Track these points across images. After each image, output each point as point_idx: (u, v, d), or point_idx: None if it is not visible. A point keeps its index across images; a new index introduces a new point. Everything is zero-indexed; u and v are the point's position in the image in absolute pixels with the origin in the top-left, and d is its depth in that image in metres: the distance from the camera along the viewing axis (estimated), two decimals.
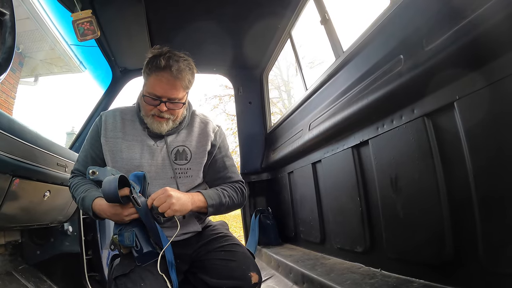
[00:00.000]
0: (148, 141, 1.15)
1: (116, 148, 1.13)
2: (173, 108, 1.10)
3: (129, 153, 1.13)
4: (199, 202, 1.06)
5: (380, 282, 1.21)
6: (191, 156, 1.16)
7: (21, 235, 1.70)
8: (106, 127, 1.15)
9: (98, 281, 1.96)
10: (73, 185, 1.15)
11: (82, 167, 1.17)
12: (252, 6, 2.09)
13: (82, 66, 5.43)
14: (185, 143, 1.17)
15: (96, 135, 1.16)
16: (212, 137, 1.21)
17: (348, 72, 1.57)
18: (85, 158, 1.18)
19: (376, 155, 1.34)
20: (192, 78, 1.11)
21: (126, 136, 1.15)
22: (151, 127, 1.13)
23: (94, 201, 1.04)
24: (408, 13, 1.14)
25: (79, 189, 1.11)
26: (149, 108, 1.10)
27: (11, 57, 0.76)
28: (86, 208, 1.06)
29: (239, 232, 5.53)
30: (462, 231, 0.98)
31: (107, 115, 1.18)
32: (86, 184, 1.13)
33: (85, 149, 1.19)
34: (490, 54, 0.83)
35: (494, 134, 0.85)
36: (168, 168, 1.13)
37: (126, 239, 0.99)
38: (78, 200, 1.10)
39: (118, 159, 1.12)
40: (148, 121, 1.13)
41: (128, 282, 0.93)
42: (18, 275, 1.56)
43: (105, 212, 1.02)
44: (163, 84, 1.05)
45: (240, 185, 1.21)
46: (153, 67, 1.05)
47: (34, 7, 4.21)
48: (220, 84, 11.89)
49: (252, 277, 1.01)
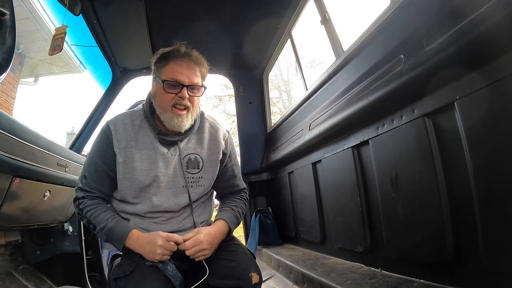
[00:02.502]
0: (161, 149, 1.09)
1: (129, 158, 1.06)
2: (193, 95, 1.06)
3: (143, 163, 1.06)
4: (225, 231, 1.10)
5: (381, 282, 1.21)
6: (203, 165, 1.13)
7: (21, 235, 1.70)
8: (118, 138, 1.06)
9: (98, 281, 1.96)
10: (87, 209, 1.05)
11: (94, 183, 1.07)
12: (252, 6, 2.09)
13: (82, 66, 5.42)
14: (196, 150, 1.13)
15: (107, 147, 1.07)
16: (223, 146, 1.17)
17: (348, 72, 1.57)
18: (97, 174, 1.08)
19: (376, 155, 1.34)
20: (207, 69, 1.12)
21: (138, 145, 1.08)
22: (171, 124, 1.05)
23: (129, 236, 1.01)
24: (408, 13, 1.14)
25: (100, 216, 1.04)
26: (169, 97, 1.04)
27: (11, 57, 0.77)
28: (116, 240, 1.01)
29: (239, 232, 5.53)
30: (463, 231, 0.98)
31: (116, 124, 1.09)
32: (106, 210, 1.06)
33: (94, 163, 1.08)
34: (490, 54, 0.83)
35: (495, 134, 0.85)
36: (180, 177, 1.10)
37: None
38: (101, 228, 1.02)
39: (130, 169, 1.06)
40: (167, 118, 1.05)
41: (129, 283, 0.92)
42: (18, 275, 1.56)
43: (142, 239, 1.00)
44: (183, 69, 1.04)
45: (245, 193, 1.28)
46: (170, 56, 1.05)
47: (34, 7, 4.21)
48: (220, 84, 11.90)
49: (253, 277, 1.00)
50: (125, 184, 1.07)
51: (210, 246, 1.02)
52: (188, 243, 0.99)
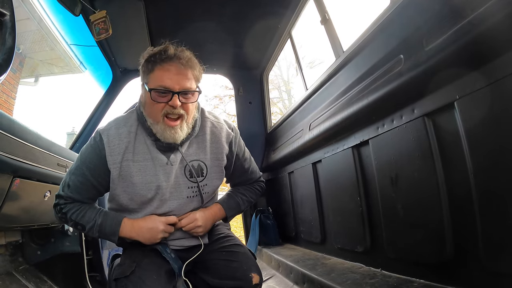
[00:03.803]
0: (160, 158, 1.01)
1: (126, 172, 0.99)
2: (186, 101, 0.95)
3: (142, 176, 0.99)
4: (221, 216, 1.15)
5: (381, 282, 1.21)
6: (207, 171, 1.07)
7: (22, 236, 1.70)
8: (112, 152, 0.98)
9: (98, 281, 1.96)
10: (71, 212, 0.99)
11: (77, 195, 1.00)
12: (252, 6, 2.09)
13: (82, 66, 5.43)
14: (199, 156, 1.06)
15: (99, 162, 0.98)
16: (226, 150, 1.10)
17: (348, 72, 1.57)
18: (81, 185, 0.99)
19: (376, 155, 1.34)
20: (201, 71, 1.01)
21: (135, 156, 1.00)
22: (163, 137, 0.97)
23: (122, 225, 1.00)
24: (408, 13, 1.14)
25: (87, 215, 1.00)
26: (159, 107, 0.94)
27: (11, 58, 0.76)
28: (109, 234, 0.99)
29: (239, 232, 5.53)
30: (463, 231, 0.97)
31: (109, 134, 0.99)
32: (90, 208, 1.02)
33: (81, 173, 0.99)
34: (490, 54, 0.83)
35: (495, 134, 0.85)
36: (184, 187, 1.04)
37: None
38: (90, 227, 0.99)
39: (129, 184, 0.99)
40: (159, 129, 0.97)
41: (129, 284, 0.92)
42: (18, 276, 1.56)
43: (140, 227, 1.00)
44: (172, 74, 0.93)
45: (260, 184, 1.27)
46: (157, 60, 0.94)
47: (35, 8, 4.22)
48: (221, 85, 11.91)
49: (253, 278, 1.00)
50: (125, 197, 1.02)
51: (204, 224, 1.07)
52: (183, 221, 1.05)
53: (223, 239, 1.13)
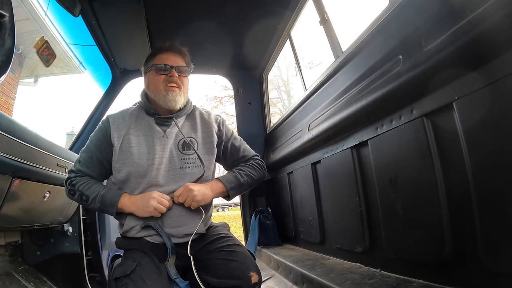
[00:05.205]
0: (158, 130, 1.16)
1: (126, 144, 1.12)
2: (181, 75, 1.17)
3: (140, 147, 1.12)
4: (219, 188, 1.16)
5: (380, 282, 1.21)
6: (198, 146, 1.18)
7: (21, 236, 1.70)
8: (117, 127, 1.14)
9: (98, 281, 1.96)
10: (80, 183, 1.12)
11: (86, 169, 1.14)
12: (252, 6, 2.09)
13: (82, 66, 5.42)
14: (190, 134, 1.20)
15: (103, 137, 1.14)
16: (216, 128, 1.24)
17: (347, 72, 1.57)
18: (90, 160, 1.14)
19: (375, 156, 1.34)
20: (190, 60, 1.23)
21: (136, 132, 1.15)
22: (165, 101, 1.14)
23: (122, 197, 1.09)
24: (407, 13, 1.14)
25: (93, 187, 1.11)
26: (161, 78, 1.15)
27: (11, 59, 0.77)
28: (109, 205, 1.08)
29: (239, 232, 5.53)
30: (462, 231, 0.98)
31: (115, 116, 1.18)
32: (97, 182, 1.14)
33: (89, 150, 1.15)
34: (489, 54, 0.83)
35: (493, 134, 0.85)
36: (177, 159, 1.15)
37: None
38: (94, 197, 1.09)
39: (128, 155, 1.11)
40: (162, 96, 1.14)
41: (129, 283, 0.92)
42: (18, 276, 1.56)
43: (136, 198, 1.08)
44: (169, 56, 1.17)
45: (256, 160, 1.30)
46: (156, 52, 1.19)
47: (34, 8, 4.21)
48: (220, 85, 11.91)
49: (252, 277, 1.01)
50: (124, 170, 1.10)
51: (201, 195, 1.10)
52: (177, 192, 1.09)
53: (222, 239, 1.13)
